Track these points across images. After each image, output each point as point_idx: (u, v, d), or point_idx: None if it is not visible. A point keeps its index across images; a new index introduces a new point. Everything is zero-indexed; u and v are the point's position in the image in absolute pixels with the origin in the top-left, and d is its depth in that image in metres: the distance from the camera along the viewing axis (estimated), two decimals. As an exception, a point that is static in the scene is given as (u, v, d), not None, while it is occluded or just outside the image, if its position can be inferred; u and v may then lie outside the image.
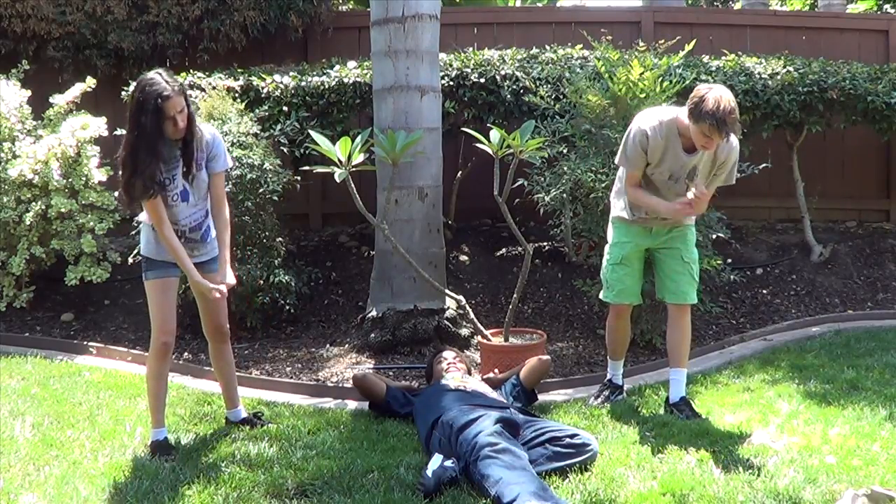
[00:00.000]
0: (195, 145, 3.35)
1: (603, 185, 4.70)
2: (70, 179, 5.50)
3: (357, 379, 4.03)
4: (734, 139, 3.61)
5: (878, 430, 3.38)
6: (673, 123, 3.59)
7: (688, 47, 5.27)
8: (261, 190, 5.11)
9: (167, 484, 2.98)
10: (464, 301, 4.77)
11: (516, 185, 4.65)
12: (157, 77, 3.21)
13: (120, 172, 3.27)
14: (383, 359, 4.89)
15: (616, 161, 3.86)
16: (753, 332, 5.41)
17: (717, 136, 3.39)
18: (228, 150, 4.05)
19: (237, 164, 4.97)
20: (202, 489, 2.93)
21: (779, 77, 5.91)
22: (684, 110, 3.52)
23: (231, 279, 3.54)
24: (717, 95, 3.35)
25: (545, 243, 6.15)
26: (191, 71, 6.07)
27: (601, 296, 4.09)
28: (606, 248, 4.01)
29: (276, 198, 5.20)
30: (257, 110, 5.49)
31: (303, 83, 5.82)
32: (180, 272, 3.46)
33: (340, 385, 4.47)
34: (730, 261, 5.81)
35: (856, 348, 4.86)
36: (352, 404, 4.19)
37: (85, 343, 5.20)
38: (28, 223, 5.36)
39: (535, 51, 6.23)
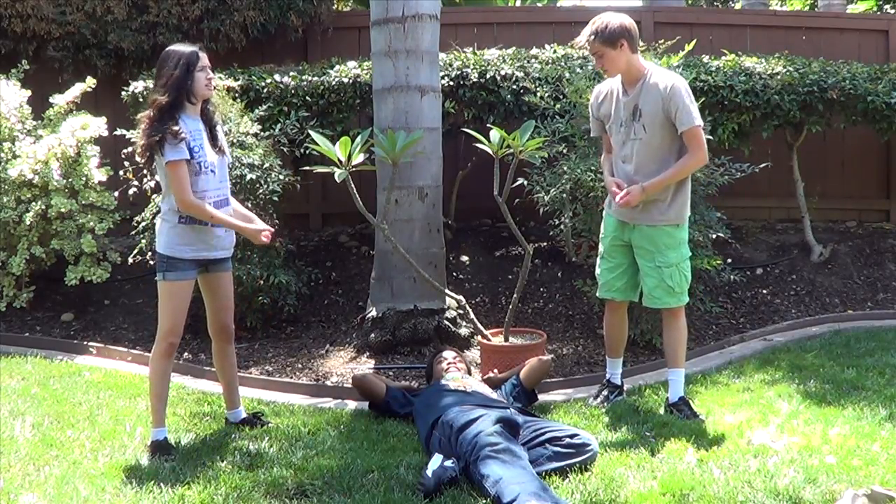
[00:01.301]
0: (216, 119, 3.50)
1: (602, 184, 4.70)
2: (70, 179, 5.50)
3: (357, 379, 4.03)
4: (667, 79, 3.66)
5: (878, 430, 3.38)
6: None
7: (688, 47, 5.27)
8: (261, 190, 5.11)
9: (167, 484, 2.98)
10: (464, 301, 4.77)
11: (516, 185, 4.65)
12: (180, 44, 3.43)
13: (143, 130, 3.34)
14: (383, 359, 4.89)
15: None
16: (753, 332, 5.40)
17: (587, 44, 3.66)
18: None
19: (237, 163, 4.98)
20: (202, 489, 2.93)
21: (779, 77, 5.91)
22: None
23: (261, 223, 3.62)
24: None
25: (545, 243, 6.15)
26: (191, 71, 6.08)
27: None
28: None
29: (276, 198, 5.20)
30: (257, 110, 5.49)
31: (303, 83, 5.83)
32: (197, 273, 3.47)
33: (340, 385, 4.47)
34: (730, 261, 5.81)
35: (856, 348, 4.86)
36: (352, 404, 4.19)
37: (85, 343, 5.20)
38: (28, 223, 5.36)
39: (535, 51, 6.23)
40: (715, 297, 5.68)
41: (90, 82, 5.89)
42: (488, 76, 5.85)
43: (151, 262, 4.88)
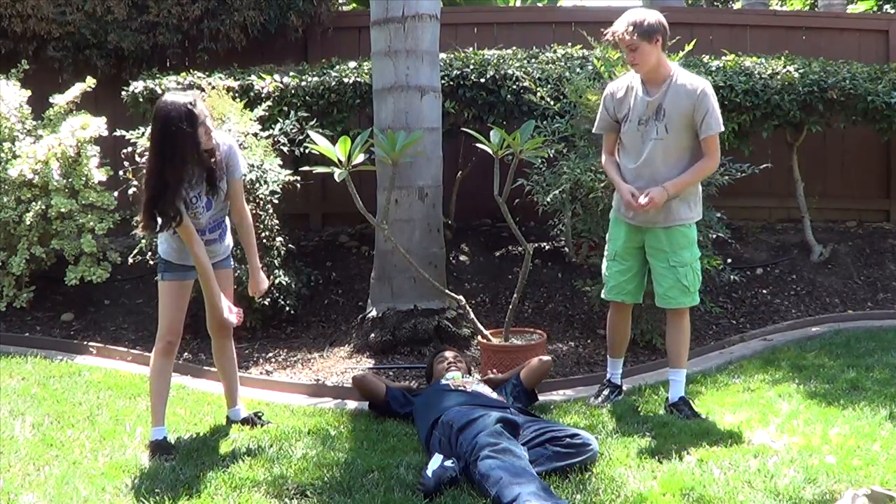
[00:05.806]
0: (217, 166, 3.35)
1: (602, 184, 4.70)
2: (70, 179, 5.50)
3: (357, 379, 4.03)
4: (697, 82, 3.65)
5: (878, 430, 3.38)
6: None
7: (688, 47, 5.27)
8: (260, 190, 5.11)
9: (167, 484, 2.98)
10: (464, 301, 4.77)
11: (516, 185, 4.65)
12: (174, 94, 3.29)
13: (142, 200, 3.26)
14: (383, 359, 4.89)
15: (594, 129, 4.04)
16: (753, 332, 5.40)
17: (625, 34, 3.63)
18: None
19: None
20: (202, 489, 2.93)
21: (779, 77, 5.90)
22: None
23: (264, 284, 3.69)
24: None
25: (545, 243, 6.16)
26: (191, 71, 6.08)
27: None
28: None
29: (275, 198, 5.20)
30: (257, 110, 5.49)
31: (303, 83, 5.83)
32: (195, 274, 3.47)
33: (340, 385, 4.47)
34: (730, 261, 5.81)
35: (856, 348, 4.85)
36: (352, 404, 4.19)
37: (85, 343, 5.20)
38: (28, 223, 5.36)
39: (535, 51, 6.23)
40: (715, 297, 5.68)
41: (90, 82, 5.90)
42: (488, 76, 5.85)
43: (151, 262, 4.88)
